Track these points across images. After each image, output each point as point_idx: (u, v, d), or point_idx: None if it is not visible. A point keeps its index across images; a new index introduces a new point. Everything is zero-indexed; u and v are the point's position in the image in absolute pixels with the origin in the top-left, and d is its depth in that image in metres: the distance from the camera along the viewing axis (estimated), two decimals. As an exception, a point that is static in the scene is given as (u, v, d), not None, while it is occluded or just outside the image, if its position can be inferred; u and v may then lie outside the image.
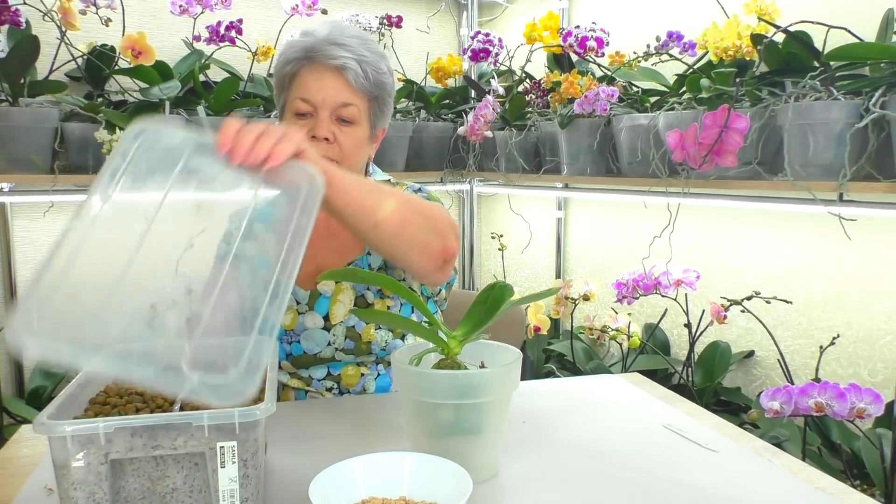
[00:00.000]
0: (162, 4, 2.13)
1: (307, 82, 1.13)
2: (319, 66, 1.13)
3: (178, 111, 1.88)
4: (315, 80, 1.13)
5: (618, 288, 1.76)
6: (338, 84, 1.13)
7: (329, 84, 1.13)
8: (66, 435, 0.66)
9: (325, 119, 1.13)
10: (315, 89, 1.13)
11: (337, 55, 1.12)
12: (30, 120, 1.71)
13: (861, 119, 1.19)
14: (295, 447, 0.94)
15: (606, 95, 1.63)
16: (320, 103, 1.13)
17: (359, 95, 1.15)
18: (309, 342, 1.19)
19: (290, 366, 1.20)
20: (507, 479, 0.85)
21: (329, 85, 1.13)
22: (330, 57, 1.12)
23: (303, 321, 1.19)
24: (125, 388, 0.80)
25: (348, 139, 1.15)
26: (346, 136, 1.15)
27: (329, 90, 1.13)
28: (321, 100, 1.12)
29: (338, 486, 0.74)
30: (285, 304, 0.71)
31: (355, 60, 1.13)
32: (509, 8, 2.55)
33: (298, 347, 1.19)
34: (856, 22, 1.32)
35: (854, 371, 1.48)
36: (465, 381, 0.80)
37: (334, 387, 1.21)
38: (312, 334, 1.19)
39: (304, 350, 1.19)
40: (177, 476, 0.71)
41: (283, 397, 1.23)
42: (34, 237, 2.09)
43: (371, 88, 1.15)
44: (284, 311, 1.16)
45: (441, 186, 2.47)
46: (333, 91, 1.13)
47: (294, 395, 1.22)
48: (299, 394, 1.22)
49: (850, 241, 1.41)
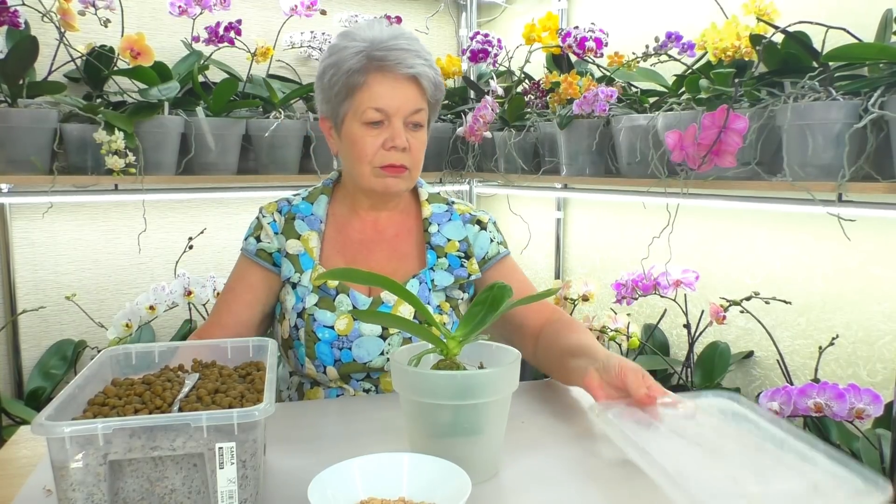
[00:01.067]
0: (161, 5, 2.12)
1: (380, 91, 1.13)
2: (393, 74, 1.13)
3: (176, 112, 1.88)
4: (389, 88, 1.13)
5: (617, 288, 1.76)
6: (413, 92, 1.14)
7: (404, 92, 1.13)
8: (65, 436, 0.66)
9: (400, 128, 1.14)
10: (389, 98, 1.13)
11: (413, 63, 1.12)
12: (29, 121, 1.71)
13: (860, 119, 1.19)
14: (294, 448, 0.94)
15: (605, 96, 1.63)
16: (395, 111, 1.13)
17: (426, 102, 1.17)
18: (360, 350, 1.17)
19: (335, 373, 1.18)
20: (506, 480, 0.85)
21: (404, 93, 1.13)
22: (406, 66, 1.12)
23: (359, 328, 1.17)
24: (124, 389, 0.80)
25: (418, 143, 1.17)
26: (417, 140, 1.17)
27: (403, 98, 1.13)
28: (396, 108, 1.13)
29: (337, 486, 0.74)
30: None
31: (428, 67, 1.15)
32: (508, 9, 2.55)
33: (348, 354, 1.17)
34: (855, 22, 1.32)
35: (853, 371, 1.48)
36: (464, 382, 0.80)
37: (372, 389, 1.21)
38: (366, 342, 1.17)
39: (354, 358, 1.17)
40: (175, 477, 0.71)
41: (310, 395, 1.22)
42: (33, 238, 2.09)
43: (436, 94, 1.18)
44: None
45: (440, 187, 2.47)
46: (408, 99, 1.14)
47: (325, 393, 1.21)
48: (330, 392, 1.20)
49: (849, 242, 1.41)
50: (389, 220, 1.27)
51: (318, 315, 1.17)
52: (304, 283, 1.20)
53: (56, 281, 2.13)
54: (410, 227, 1.28)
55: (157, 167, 1.86)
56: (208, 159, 1.93)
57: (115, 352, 0.90)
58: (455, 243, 1.25)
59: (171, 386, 0.81)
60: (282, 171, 2.02)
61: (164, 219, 2.25)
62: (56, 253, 2.13)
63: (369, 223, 1.27)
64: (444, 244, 1.24)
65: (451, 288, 1.24)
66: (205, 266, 2.30)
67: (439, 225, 1.26)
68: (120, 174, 1.76)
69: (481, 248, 1.27)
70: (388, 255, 1.25)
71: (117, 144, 1.72)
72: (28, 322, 2.09)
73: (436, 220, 1.27)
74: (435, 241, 1.24)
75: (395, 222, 1.28)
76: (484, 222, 1.29)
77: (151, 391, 0.79)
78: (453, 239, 1.25)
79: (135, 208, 2.17)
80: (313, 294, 1.19)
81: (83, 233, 2.16)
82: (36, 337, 2.12)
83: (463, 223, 1.27)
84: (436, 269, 1.23)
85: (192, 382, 0.82)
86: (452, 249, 1.24)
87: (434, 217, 1.27)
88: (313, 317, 1.18)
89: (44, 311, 2.10)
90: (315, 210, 1.26)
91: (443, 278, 1.23)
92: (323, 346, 1.17)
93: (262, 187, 2.14)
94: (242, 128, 1.96)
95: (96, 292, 2.18)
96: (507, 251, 1.30)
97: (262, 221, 1.26)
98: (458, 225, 1.27)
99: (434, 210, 1.28)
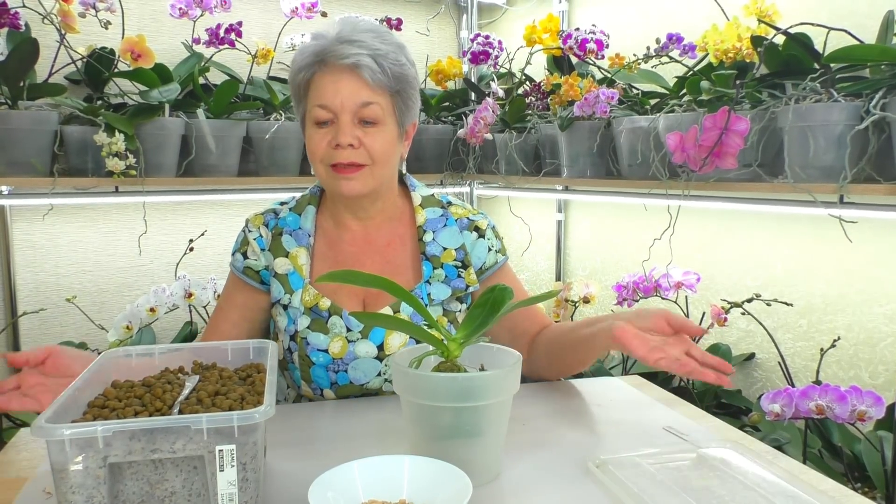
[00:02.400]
0: (161, 7, 2.13)
1: (323, 87, 1.07)
2: (333, 67, 1.06)
3: (177, 114, 1.88)
4: (330, 83, 1.07)
5: (618, 290, 1.76)
6: (354, 84, 1.06)
7: (345, 86, 1.06)
8: (65, 438, 0.65)
9: (346, 123, 1.07)
10: (332, 93, 1.06)
11: (349, 53, 1.05)
12: (29, 123, 1.71)
13: (861, 121, 1.19)
14: (294, 450, 0.94)
15: (606, 98, 1.63)
16: (339, 108, 1.06)
17: (379, 92, 1.08)
18: (357, 372, 1.13)
19: (332, 395, 1.16)
20: (507, 482, 0.85)
21: (345, 87, 1.06)
22: (342, 56, 1.05)
23: (353, 350, 1.13)
24: (124, 391, 0.80)
25: (376, 141, 1.09)
26: (373, 137, 1.09)
27: (346, 92, 1.06)
28: (339, 104, 1.06)
29: (337, 489, 0.73)
30: None
31: (369, 56, 1.06)
32: (509, 10, 2.55)
33: (345, 377, 1.14)
34: (856, 24, 1.32)
35: (855, 373, 1.47)
36: (465, 384, 0.80)
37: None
38: (362, 364, 1.13)
39: (351, 380, 1.14)
40: (175, 480, 0.70)
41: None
42: (34, 240, 2.09)
43: (391, 83, 1.08)
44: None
45: (441, 189, 2.46)
46: (351, 92, 1.06)
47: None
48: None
49: (850, 244, 1.40)
50: (379, 229, 1.22)
51: (310, 338, 1.14)
52: (295, 304, 1.15)
53: (56, 283, 2.13)
54: (403, 235, 1.22)
55: (157, 169, 1.85)
56: (209, 161, 1.92)
57: (116, 354, 0.90)
58: (451, 252, 1.19)
59: (171, 388, 0.80)
60: (282, 173, 2.02)
61: (164, 221, 2.25)
62: (56, 255, 2.13)
63: (358, 234, 1.21)
64: (439, 254, 1.19)
65: (449, 301, 1.19)
66: (205, 268, 2.30)
67: (434, 232, 1.20)
68: (120, 176, 1.76)
69: (479, 258, 1.22)
70: (381, 268, 1.19)
71: (118, 146, 1.72)
72: (28, 324, 2.09)
73: (430, 227, 1.21)
74: (430, 251, 1.19)
75: (385, 231, 1.22)
76: (482, 229, 1.23)
77: (151, 393, 0.79)
78: (449, 248, 1.20)
79: (135, 210, 2.16)
80: (305, 316, 1.15)
81: (84, 235, 2.16)
82: (36, 339, 2.11)
83: (460, 230, 1.21)
84: (432, 281, 1.17)
85: (192, 384, 0.81)
86: (449, 259, 1.19)
87: (428, 224, 1.21)
88: (306, 340, 1.14)
89: (44, 313, 2.10)
90: (303, 223, 1.20)
91: (440, 291, 1.17)
92: (318, 369, 1.14)
93: (263, 189, 2.14)
94: (243, 130, 1.96)
95: (97, 294, 2.18)
96: (504, 258, 1.25)
97: (249, 237, 1.21)
98: (455, 231, 1.21)
99: (428, 216, 1.22)
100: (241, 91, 2.03)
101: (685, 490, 0.80)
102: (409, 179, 1.28)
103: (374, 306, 1.17)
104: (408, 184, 1.27)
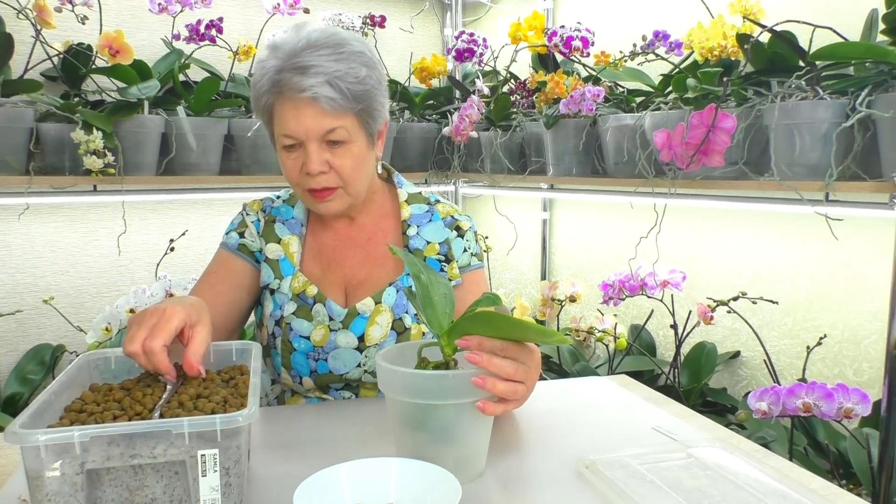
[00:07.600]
0: (140, 2, 2.09)
1: (284, 117, 1.06)
2: (291, 99, 1.04)
3: (157, 111, 1.85)
4: (291, 114, 1.05)
5: (604, 289, 1.76)
6: (315, 113, 1.04)
7: (306, 117, 1.04)
8: (40, 444, 0.63)
9: (313, 151, 1.06)
10: (294, 124, 1.05)
11: (304, 86, 1.02)
12: (4, 120, 1.67)
13: (847, 119, 1.19)
14: (279, 454, 0.92)
15: (592, 95, 1.62)
16: (304, 136, 1.05)
17: (342, 116, 1.06)
18: (337, 362, 1.14)
19: (311, 383, 1.15)
20: (495, 484, 0.84)
21: (307, 117, 1.04)
22: (298, 90, 1.03)
23: (334, 339, 1.14)
24: (102, 394, 0.78)
25: (345, 161, 1.08)
26: (342, 157, 1.08)
27: (308, 122, 1.04)
28: (304, 132, 1.05)
29: (323, 493, 0.72)
30: None
31: (326, 83, 1.03)
32: (493, 8, 2.54)
33: (324, 366, 1.14)
34: (841, 21, 1.32)
35: (839, 371, 1.48)
36: (453, 382, 0.79)
37: (352, 397, 1.18)
38: (342, 354, 1.14)
39: (331, 369, 1.14)
40: (156, 486, 0.68)
41: (291, 402, 1.20)
42: (9, 240, 2.05)
43: (352, 105, 1.06)
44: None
45: (426, 188, 2.45)
46: (313, 122, 1.05)
47: (305, 402, 1.18)
48: (310, 401, 1.18)
49: (836, 241, 1.41)
50: (363, 223, 1.22)
51: (294, 324, 1.14)
52: (284, 290, 1.17)
53: (34, 284, 2.09)
54: (386, 228, 1.23)
55: (137, 167, 1.82)
56: (190, 159, 1.90)
57: (94, 356, 0.88)
58: (435, 246, 1.19)
59: (152, 391, 0.78)
60: (265, 172, 2.00)
61: (144, 220, 2.21)
62: (33, 255, 2.09)
63: (342, 230, 1.22)
64: (422, 247, 1.19)
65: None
66: (186, 268, 2.27)
67: (418, 227, 1.21)
68: (99, 175, 1.73)
69: (454, 255, 1.21)
70: (363, 260, 1.20)
71: (96, 144, 1.69)
72: (5, 326, 2.05)
73: (415, 222, 1.21)
74: (413, 245, 1.19)
75: (369, 224, 1.22)
76: (463, 230, 1.22)
77: (131, 397, 0.77)
78: (433, 241, 1.20)
79: (114, 210, 2.13)
80: (292, 302, 1.16)
81: (61, 235, 2.12)
82: (13, 341, 2.07)
83: (444, 225, 1.22)
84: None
85: (173, 387, 0.79)
86: (432, 253, 1.19)
87: (413, 218, 1.21)
88: (290, 326, 1.15)
89: (21, 314, 2.06)
90: (296, 213, 1.22)
91: None
92: (298, 356, 1.14)
93: (245, 188, 2.11)
94: (224, 128, 1.93)
95: (75, 296, 2.14)
96: (479, 264, 1.24)
97: (247, 220, 1.22)
98: (439, 226, 1.21)
99: (413, 211, 1.22)
100: (223, 88, 2.01)
101: (676, 490, 0.79)
102: (397, 177, 1.28)
103: (355, 297, 1.17)
104: (395, 181, 1.27)
